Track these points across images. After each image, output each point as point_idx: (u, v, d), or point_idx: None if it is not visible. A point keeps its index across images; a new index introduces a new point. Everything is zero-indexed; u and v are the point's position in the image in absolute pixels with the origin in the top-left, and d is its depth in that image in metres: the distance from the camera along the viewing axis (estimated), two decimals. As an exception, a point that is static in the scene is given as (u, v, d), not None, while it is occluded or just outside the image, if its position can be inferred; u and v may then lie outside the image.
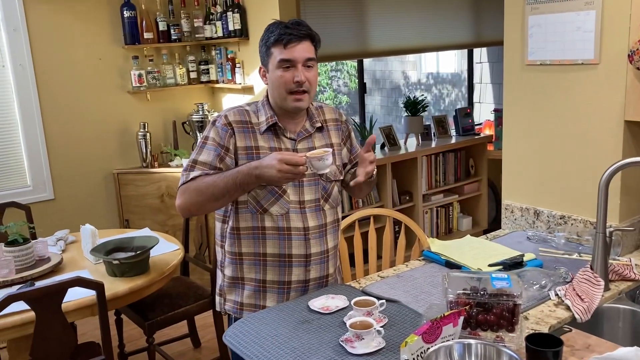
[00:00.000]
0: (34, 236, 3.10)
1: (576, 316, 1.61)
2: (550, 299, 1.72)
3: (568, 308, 1.65)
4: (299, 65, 1.75)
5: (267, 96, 1.87)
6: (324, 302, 1.72)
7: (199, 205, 1.75)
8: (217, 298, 1.96)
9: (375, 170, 1.86)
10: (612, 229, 1.79)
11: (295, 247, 1.83)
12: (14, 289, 2.34)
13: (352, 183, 1.82)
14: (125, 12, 3.94)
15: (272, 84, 1.81)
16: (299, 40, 1.75)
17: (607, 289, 1.77)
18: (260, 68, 1.85)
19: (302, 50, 1.75)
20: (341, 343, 1.48)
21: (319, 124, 1.90)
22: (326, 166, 1.68)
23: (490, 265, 1.89)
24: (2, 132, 3.73)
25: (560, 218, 2.23)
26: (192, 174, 1.75)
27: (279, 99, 1.80)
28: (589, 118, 2.11)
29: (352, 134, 2.05)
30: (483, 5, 4.99)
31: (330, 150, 1.71)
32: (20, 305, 2.10)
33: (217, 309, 1.97)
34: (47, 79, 3.81)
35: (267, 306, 1.85)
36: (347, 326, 1.48)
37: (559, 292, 1.73)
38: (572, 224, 2.19)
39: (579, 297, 1.68)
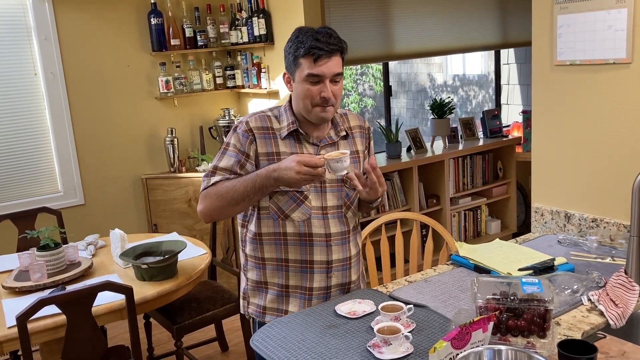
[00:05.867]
0: (65, 241, 3.16)
1: (610, 322, 1.57)
2: (582, 304, 1.68)
3: (601, 313, 1.61)
4: (327, 80, 1.74)
5: (289, 101, 1.86)
6: (350, 307, 1.71)
7: (220, 209, 1.76)
8: (241, 301, 1.97)
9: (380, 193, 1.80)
10: (646, 232, 1.74)
11: (316, 254, 1.83)
12: (46, 293, 2.39)
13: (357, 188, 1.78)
14: (152, 19, 3.99)
15: (298, 95, 1.79)
16: (329, 56, 1.72)
17: (642, 294, 1.72)
18: (285, 74, 1.83)
19: (332, 65, 1.73)
20: (368, 348, 1.47)
21: (344, 132, 1.89)
22: (344, 168, 1.67)
23: (520, 270, 1.86)
24: (34, 139, 3.81)
25: (592, 221, 2.19)
26: (213, 180, 1.77)
27: (304, 110, 1.79)
28: (621, 118, 2.06)
29: (372, 141, 2.03)
30: (510, 5, 4.93)
31: (348, 152, 1.69)
32: (52, 308, 2.14)
33: (241, 311, 1.97)
34: (77, 86, 3.89)
35: (290, 311, 1.85)
36: (375, 331, 1.47)
37: (591, 297, 1.69)
38: (604, 227, 2.14)
39: (613, 302, 1.64)
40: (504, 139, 4.69)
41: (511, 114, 5.83)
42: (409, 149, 4.39)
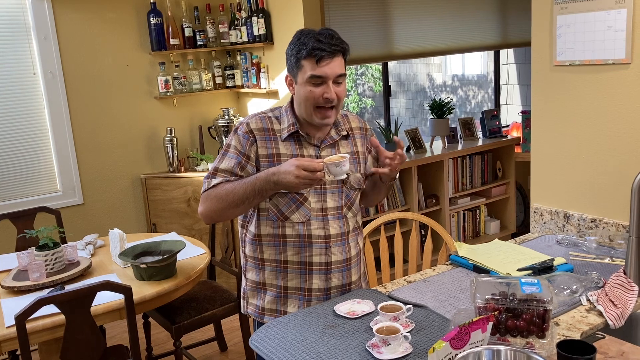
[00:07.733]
0: (64, 240, 3.16)
1: (609, 322, 1.57)
2: (581, 304, 1.68)
3: (600, 314, 1.61)
4: (330, 81, 1.73)
5: (291, 102, 1.86)
6: (350, 307, 1.71)
7: (220, 212, 1.76)
8: (242, 301, 1.98)
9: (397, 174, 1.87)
10: (646, 233, 1.74)
11: (315, 255, 1.83)
12: (44, 293, 2.39)
13: (373, 170, 1.83)
14: (151, 18, 3.99)
15: (300, 97, 1.78)
16: (331, 57, 1.71)
17: (641, 294, 1.72)
18: (287, 76, 1.82)
19: (334, 66, 1.72)
20: (367, 348, 1.47)
21: (344, 132, 1.89)
22: (343, 172, 1.67)
23: (519, 270, 1.86)
24: (33, 138, 3.81)
25: (591, 221, 2.19)
26: (214, 182, 1.77)
27: (306, 113, 1.78)
28: (621, 119, 2.06)
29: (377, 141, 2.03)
30: (509, 5, 4.93)
31: (348, 156, 1.69)
32: (51, 308, 2.14)
33: (242, 311, 1.98)
34: (76, 86, 3.88)
35: (289, 312, 1.85)
36: (374, 331, 1.47)
37: (590, 298, 1.69)
38: (603, 228, 2.14)
39: (612, 302, 1.64)
40: (503, 139, 4.69)
41: (510, 114, 5.84)
42: (408, 149, 4.38)
